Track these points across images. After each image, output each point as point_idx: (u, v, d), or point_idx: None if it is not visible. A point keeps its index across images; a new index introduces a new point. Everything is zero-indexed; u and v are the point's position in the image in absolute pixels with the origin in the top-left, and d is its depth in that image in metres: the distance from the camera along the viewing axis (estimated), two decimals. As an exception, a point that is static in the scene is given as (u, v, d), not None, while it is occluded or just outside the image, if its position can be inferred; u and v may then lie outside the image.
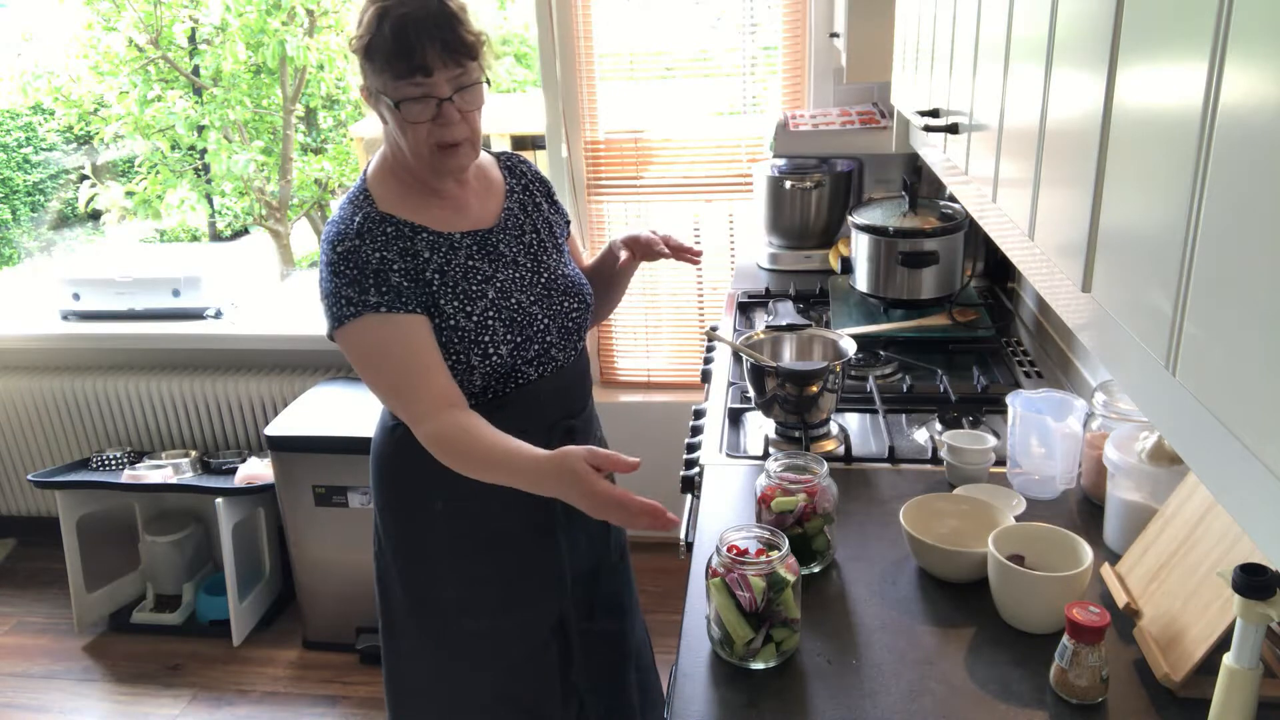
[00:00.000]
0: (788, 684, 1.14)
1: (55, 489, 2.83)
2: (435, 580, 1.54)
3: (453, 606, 1.54)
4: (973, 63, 1.27)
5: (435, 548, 1.52)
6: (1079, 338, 0.86)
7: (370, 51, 1.30)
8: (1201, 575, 1.08)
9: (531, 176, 1.60)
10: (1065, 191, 0.88)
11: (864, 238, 2.19)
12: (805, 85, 2.77)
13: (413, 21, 1.27)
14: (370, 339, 1.35)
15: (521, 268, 1.47)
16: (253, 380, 3.03)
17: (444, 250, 1.40)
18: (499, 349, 1.40)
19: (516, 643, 1.55)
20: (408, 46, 1.27)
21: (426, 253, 1.39)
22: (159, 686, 2.68)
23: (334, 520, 2.63)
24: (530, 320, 1.44)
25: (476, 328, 1.39)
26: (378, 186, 1.42)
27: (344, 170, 5.79)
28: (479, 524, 1.49)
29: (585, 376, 1.59)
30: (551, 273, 1.51)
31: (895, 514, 1.35)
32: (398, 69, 1.28)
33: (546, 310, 1.47)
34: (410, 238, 1.38)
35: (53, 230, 7.22)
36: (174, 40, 5.17)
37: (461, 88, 1.33)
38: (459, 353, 1.38)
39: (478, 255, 1.43)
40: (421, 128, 1.33)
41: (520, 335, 1.43)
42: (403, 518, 1.54)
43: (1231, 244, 0.56)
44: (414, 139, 1.34)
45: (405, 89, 1.30)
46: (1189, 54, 0.60)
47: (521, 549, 1.52)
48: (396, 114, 1.32)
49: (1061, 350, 1.93)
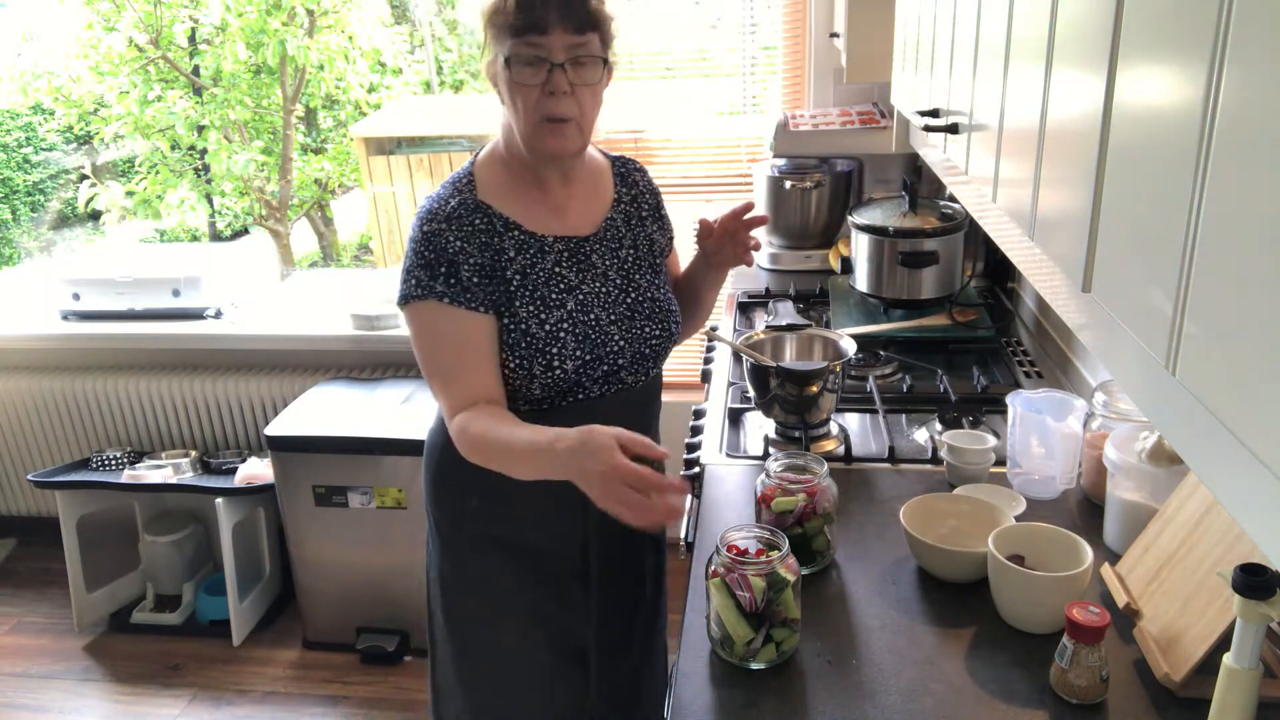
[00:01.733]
0: (788, 684, 1.14)
1: (55, 489, 2.83)
2: (465, 576, 1.52)
3: (484, 610, 1.52)
4: (973, 63, 1.27)
5: (469, 545, 1.50)
6: (1079, 338, 0.86)
7: (494, 13, 1.28)
8: (1201, 575, 1.08)
9: (644, 187, 1.54)
10: (1065, 191, 0.88)
11: (864, 238, 2.19)
12: (805, 85, 2.77)
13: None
14: (427, 322, 1.34)
15: (610, 283, 1.42)
16: (253, 380, 3.03)
17: (532, 252, 1.37)
18: (565, 363, 1.36)
19: (535, 663, 1.52)
20: (529, 2, 1.25)
21: (512, 251, 1.36)
22: (159, 686, 2.68)
23: (334, 520, 2.63)
24: (606, 339, 1.39)
25: (547, 337, 1.35)
26: (483, 171, 1.40)
27: (344, 170, 5.79)
28: (510, 527, 1.46)
29: (652, 403, 1.53)
30: (640, 293, 1.44)
31: (895, 514, 1.35)
32: (515, 24, 1.26)
33: (625, 331, 1.41)
34: (501, 233, 1.36)
35: (53, 230, 7.22)
36: (174, 40, 5.17)
37: (577, 59, 1.28)
38: (523, 357, 1.35)
39: (566, 263, 1.39)
40: (531, 93, 1.28)
41: (590, 353, 1.38)
42: (444, 510, 1.52)
43: (1231, 244, 0.56)
44: (523, 106, 1.29)
45: (519, 47, 1.27)
46: (1189, 54, 0.60)
47: (553, 567, 1.49)
48: (508, 77, 1.28)
49: (1061, 350, 1.93)
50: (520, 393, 1.38)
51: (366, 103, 5.79)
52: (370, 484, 2.57)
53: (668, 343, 1.47)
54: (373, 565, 2.66)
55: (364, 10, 5.26)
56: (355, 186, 6.45)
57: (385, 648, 2.70)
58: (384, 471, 2.55)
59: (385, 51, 5.85)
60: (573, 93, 1.29)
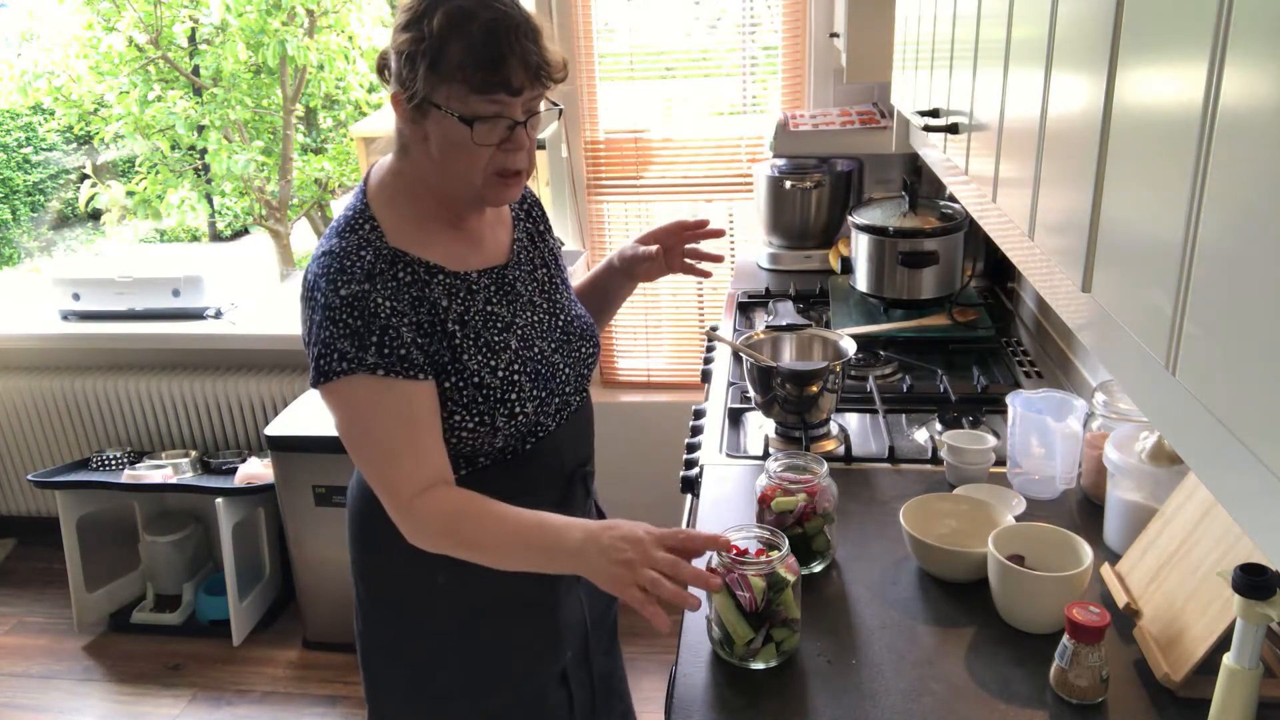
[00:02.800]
0: (788, 684, 1.14)
1: (55, 489, 2.83)
2: (437, 663, 1.36)
3: (455, 688, 1.36)
4: (973, 63, 1.27)
5: (436, 626, 1.35)
6: (1079, 338, 0.86)
7: (439, 56, 1.10)
8: (1201, 575, 1.08)
9: (531, 198, 1.42)
10: (1065, 191, 0.88)
11: (864, 238, 2.19)
12: (805, 85, 2.77)
13: (503, 30, 1.10)
14: (360, 401, 1.15)
15: (538, 309, 1.31)
16: (253, 380, 3.03)
17: (462, 295, 1.22)
18: (525, 406, 1.24)
19: (522, 712, 1.40)
20: (496, 57, 1.10)
21: (445, 300, 1.20)
22: (159, 686, 2.68)
23: (334, 520, 2.63)
24: (553, 371, 1.29)
25: (503, 384, 1.22)
26: (385, 212, 1.21)
27: (344, 170, 5.79)
28: (481, 594, 1.31)
29: (592, 418, 1.45)
30: (566, 313, 1.35)
31: (895, 514, 1.35)
32: (478, 81, 1.10)
33: (565, 357, 1.32)
34: (426, 282, 1.19)
35: (53, 230, 7.22)
36: (174, 40, 5.17)
37: (533, 112, 1.17)
38: (483, 413, 1.21)
39: (496, 298, 1.26)
40: (485, 151, 1.15)
41: (544, 389, 1.27)
42: (402, 597, 1.35)
43: (1231, 244, 0.56)
44: (470, 163, 1.16)
45: (481, 106, 1.12)
46: (1189, 53, 0.60)
47: (523, 617, 1.35)
48: (457, 132, 1.13)
49: (1061, 350, 1.93)
50: (480, 450, 1.25)
51: (366, 103, 5.79)
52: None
53: (597, 357, 1.40)
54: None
55: (364, 10, 5.27)
56: (355, 186, 6.45)
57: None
58: (384, 471, 2.54)
59: (385, 51, 5.84)
60: (528, 145, 1.19)
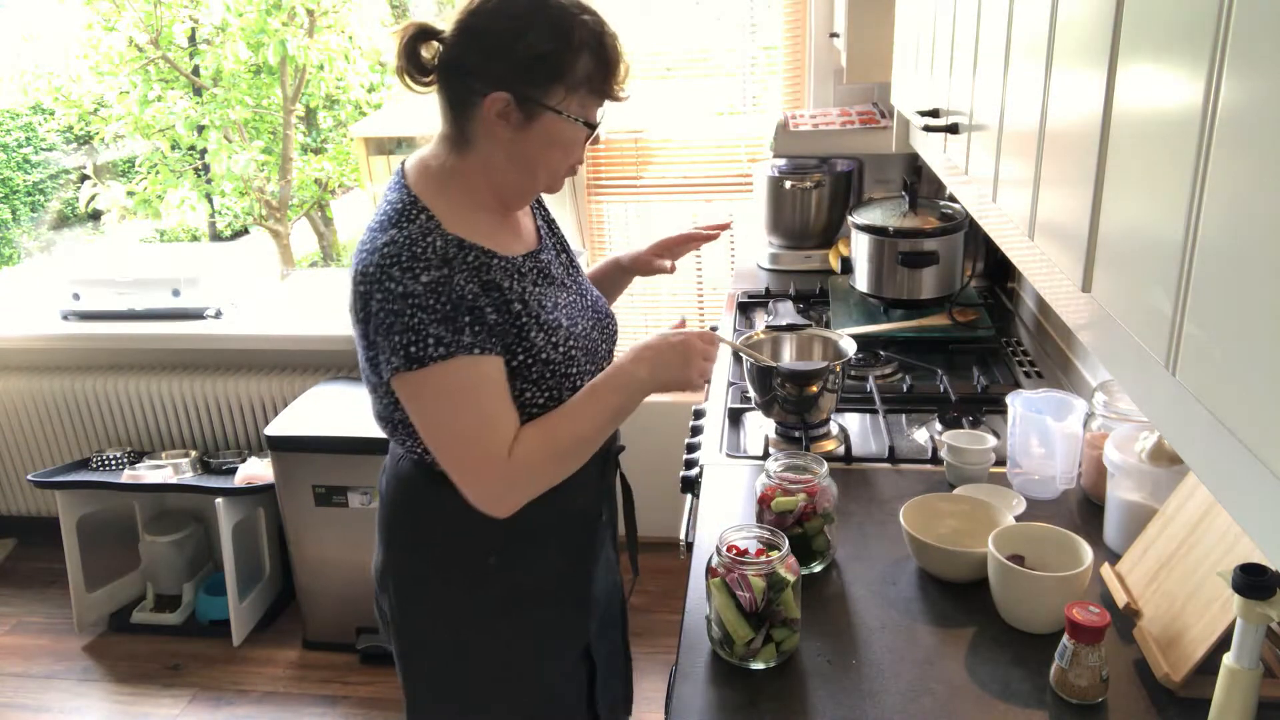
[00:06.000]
0: (788, 684, 1.14)
1: (55, 489, 2.83)
2: (476, 649, 1.40)
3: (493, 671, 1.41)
4: (973, 63, 1.27)
5: (484, 607, 1.38)
6: (1079, 338, 0.86)
7: (571, 66, 1.19)
8: (1201, 575, 1.08)
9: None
10: (1065, 191, 0.88)
11: (864, 238, 2.19)
12: (805, 85, 2.77)
13: (621, 48, 1.24)
14: (458, 383, 1.18)
15: (570, 290, 1.38)
16: (253, 380, 3.03)
17: (515, 277, 1.27)
18: (581, 380, 1.30)
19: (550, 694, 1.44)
20: (614, 71, 1.23)
21: (506, 281, 1.25)
22: (159, 686, 2.68)
23: (334, 520, 2.63)
24: (595, 347, 1.36)
25: (564, 359, 1.28)
26: (437, 202, 1.24)
27: (344, 170, 5.79)
28: (527, 574, 1.36)
29: None
30: (590, 294, 1.42)
31: (895, 514, 1.35)
32: (606, 90, 1.23)
33: (601, 334, 1.39)
34: (488, 265, 1.23)
35: (53, 230, 7.22)
36: (174, 40, 5.17)
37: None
38: (550, 388, 1.26)
39: (539, 280, 1.32)
40: (578, 150, 1.26)
41: (592, 364, 1.33)
42: (452, 582, 1.38)
43: (1231, 244, 0.56)
44: (564, 158, 1.26)
45: (595, 112, 1.24)
46: (1189, 54, 0.60)
47: (560, 594, 1.41)
48: (570, 133, 1.23)
49: (1061, 350, 1.93)
50: None
51: (366, 103, 5.80)
52: (370, 484, 2.57)
53: (617, 335, 1.48)
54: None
55: (364, 10, 5.27)
56: (355, 186, 6.45)
57: (385, 647, 2.69)
58: (384, 471, 2.55)
59: (385, 51, 5.85)
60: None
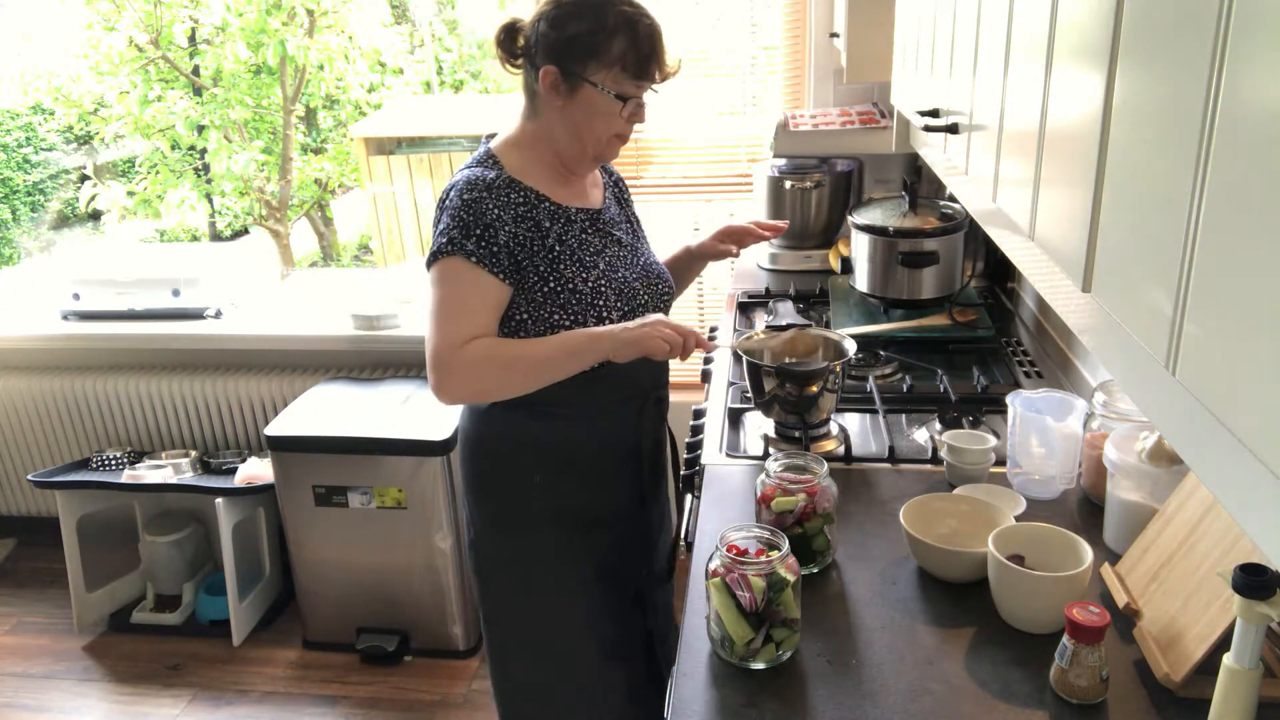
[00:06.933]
0: (788, 684, 1.14)
1: (55, 489, 2.83)
2: (537, 555, 1.62)
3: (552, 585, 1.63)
4: (973, 63, 1.27)
5: (535, 520, 1.60)
6: (1079, 338, 0.86)
7: (606, 47, 1.44)
8: (1201, 575, 1.08)
9: (616, 176, 1.76)
10: (1065, 191, 0.88)
11: (864, 238, 2.19)
12: (805, 85, 2.77)
13: (659, 35, 1.48)
14: (449, 275, 1.44)
15: (624, 248, 1.61)
16: (253, 380, 3.03)
17: (562, 221, 1.53)
18: (611, 314, 1.52)
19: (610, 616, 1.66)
20: (658, 55, 1.47)
21: (547, 222, 1.50)
22: (159, 686, 2.68)
23: (334, 520, 2.63)
24: (634, 294, 1.57)
25: (592, 292, 1.51)
26: (508, 155, 1.53)
27: (344, 170, 5.79)
28: (571, 495, 1.59)
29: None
30: (647, 257, 1.66)
31: (895, 514, 1.35)
32: (640, 71, 1.46)
33: (646, 288, 1.60)
34: (535, 205, 1.50)
35: (53, 230, 7.22)
36: (174, 40, 5.17)
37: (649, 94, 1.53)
38: (576, 313, 1.49)
39: (589, 231, 1.56)
40: (618, 120, 1.49)
41: (627, 306, 1.55)
42: (502, 495, 1.62)
43: (1231, 244, 0.56)
44: (606, 127, 1.49)
45: (634, 89, 1.47)
46: (1189, 54, 0.60)
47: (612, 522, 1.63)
48: (607, 105, 1.46)
49: (1061, 350, 1.93)
50: None
51: (366, 103, 5.80)
52: (370, 484, 2.57)
53: (673, 297, 1.70)
54: (373, 565, 2.66)
55: (364, 10, 5.27)
56: (355, 186, 6.45)
57: (385, 648, 2.70)
58: (384, 471, 2.55)
59: (385, 51, 5.86)
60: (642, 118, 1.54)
